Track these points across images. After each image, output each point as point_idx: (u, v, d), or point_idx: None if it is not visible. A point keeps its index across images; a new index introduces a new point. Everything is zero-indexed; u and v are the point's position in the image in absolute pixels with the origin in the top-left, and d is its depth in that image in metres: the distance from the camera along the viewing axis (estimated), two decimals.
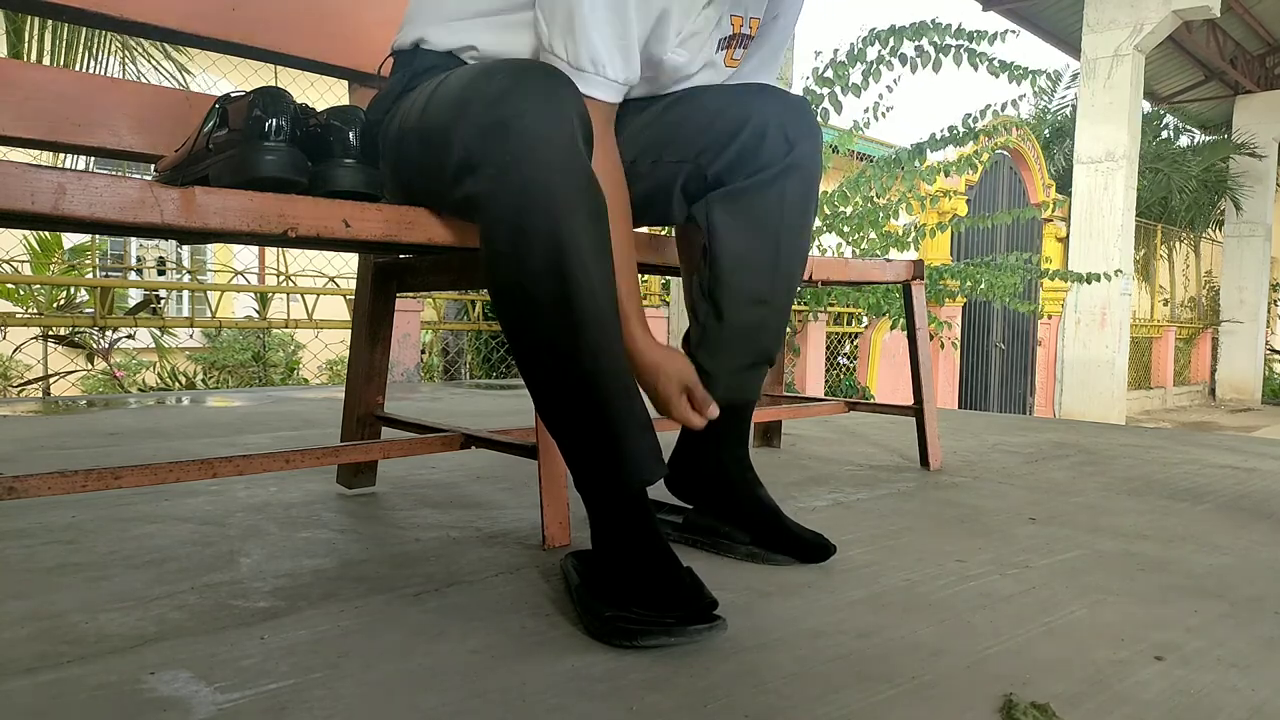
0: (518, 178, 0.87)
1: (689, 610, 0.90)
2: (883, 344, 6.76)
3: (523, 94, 0.88)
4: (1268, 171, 11.92)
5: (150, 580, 1.06)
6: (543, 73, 0.91)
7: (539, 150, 0.87)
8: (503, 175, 0.87)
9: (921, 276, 1.97)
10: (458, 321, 4.93)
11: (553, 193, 0.87)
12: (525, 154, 0.87)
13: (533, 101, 0.88)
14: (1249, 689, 0.82)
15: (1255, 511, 1.60)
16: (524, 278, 0.90)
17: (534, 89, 0.88)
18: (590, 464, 0.98)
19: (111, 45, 4.01)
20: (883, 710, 0.76)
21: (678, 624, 0.88)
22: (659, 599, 0.91)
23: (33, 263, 4.31)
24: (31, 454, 1.91)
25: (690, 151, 1.16)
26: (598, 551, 0.99)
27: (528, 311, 0.92)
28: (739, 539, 1.21)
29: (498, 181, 0.88)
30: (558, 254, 0.88)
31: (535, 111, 0.87)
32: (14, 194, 0.80)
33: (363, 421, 1.51)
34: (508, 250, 0.90)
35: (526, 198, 0.87)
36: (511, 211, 0.88)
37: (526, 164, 0.87)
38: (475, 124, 0.90)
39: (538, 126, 0.87)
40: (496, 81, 0.90)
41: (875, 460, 2.05)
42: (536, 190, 0.87)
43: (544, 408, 0.99)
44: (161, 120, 1.30)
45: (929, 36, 4.57)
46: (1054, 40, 9.88)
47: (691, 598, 0.91)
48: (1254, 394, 12.21)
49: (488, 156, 0.89)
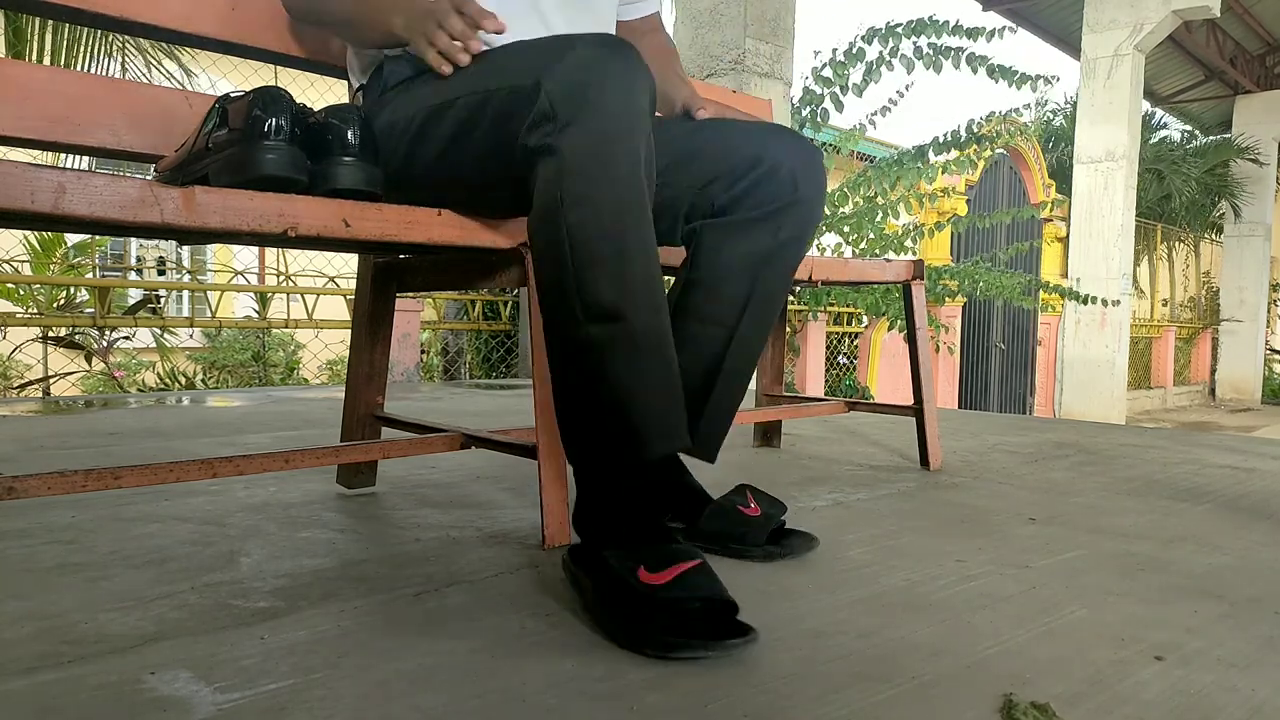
0: (598, 128, 0.94)
1: (720, 619, 0.89)
2: (882, 344, 6.76)
3: (609, 60, 0.95)
4: (1268, 172, 11.93)
5: (150, 580, 1.06)
6: (626, 46, 0.98)
7: (621, 109, 0.94)
8: (585, 125, 0.94)
9: (921, 276, 1.97)
10: (458, 321, 4.93)
11: (626, 146, 0.95)
12: (610, 110, 0.94)
13: (618, 66, 0.95)
14: (1249, 689, 0.82)
15: (1255, 511, 1.60)
16: (586, 219, 0.94)
17: (619, 58, 0.96)
18: (613, 426, 0.97)
19: (111, 45, 4.01)
20: (883, 710, 0.76)
21: (715, 637, 0.87)
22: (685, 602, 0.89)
23: (33, 263, 4.31)
24: (31, 454, 1.91)
25: (701, 179, 1.19)
26: (608, 546, 0.97)
27: (579, 255, 0.94)
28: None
29: (580, 128, 0.94)
30: (621, 201, 0.94)
31: (620, 75, 0.95)
32: (14, 194, 0.80)
33: (363, 421, 1.51)
34: (577, 191, 0.94)
35: (605, 146, 0.94)
36: (587, 158, 0.94)
37: (610, 119, 0.94)
38: (564, 80, 0.95)
39: (623, 89, 0.95)
40: (583, 50, 0.96)
41: (875, 460, 2.05)
42: (613, 142, 0.94)
43: (572, 367, 0.98)
44: (161, 120, 1.30)
45: (928, 34, 4.58)
46: (1054, 40, 9.89)
47: (720, 605, 0.90)
48: (1254, 394, 12.22)
49: (573, 109, 0.94)
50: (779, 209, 1.16)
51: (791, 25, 3.95)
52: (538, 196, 0.98)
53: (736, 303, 1.17)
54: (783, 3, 3.92)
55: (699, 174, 1.19)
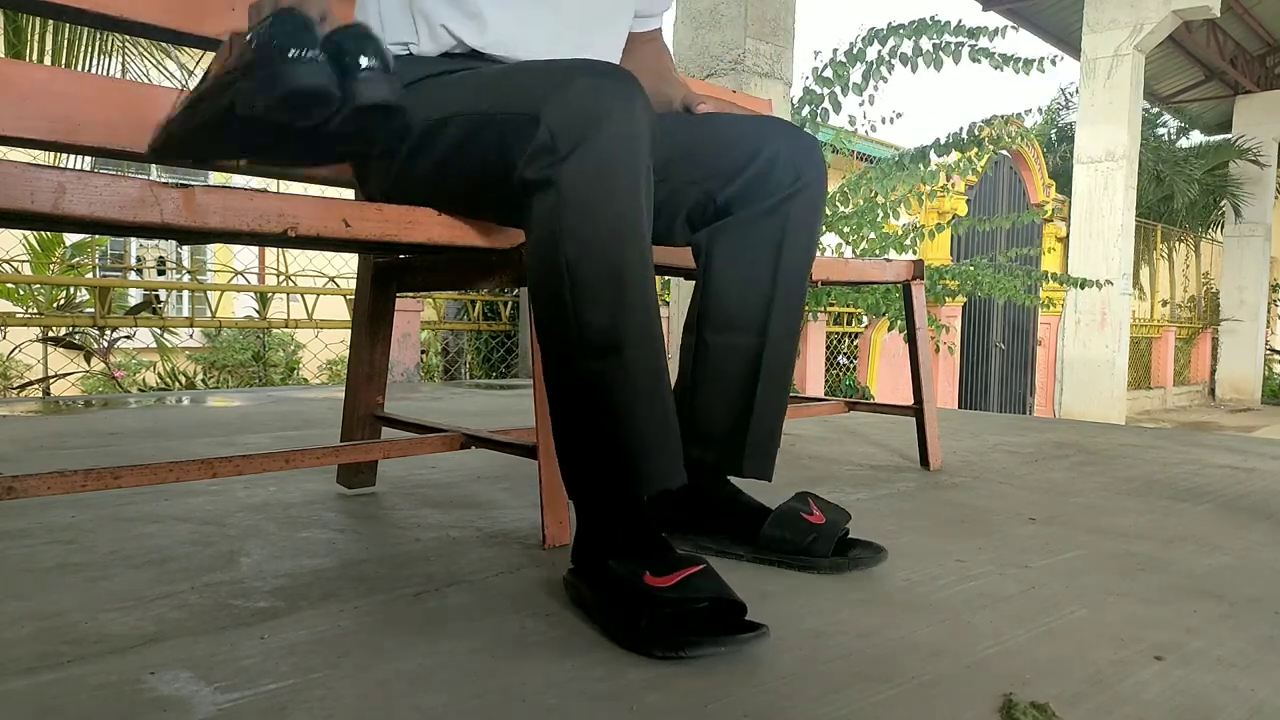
0: (597, 162, 0.93)
1: (728, 618, 0.89)
2: (883, 344, 6.76)
3: (611, 93, 0.94)
4: (1268, 173, 11.93)
5: (150, 580, 1.06)
6: (628, 77, 0.97)
7: (621, 142, 0.94)
8: (584, 158, 0.93)
9: (921, 276, 1.97)
10: (458, 321, 4.93)
11: (626, 180, 0.94)
12: (609, 144, 0.93)
13: (620, 99, 0.94)
14: (1249, 689, 0.82)
15: (1255, 512, 1.60)
16: (585, 253, 0.93)
17: (621, 90, 0.95)
18: (610, 460, 0.96)
19: (112, 45, 4.01)
20: (883, 710, 0.76)
21: (725, 633, 0.86)
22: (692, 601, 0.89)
23: (33, 263, 4.31)
24: (31, 454, 1.91)
25: (701, 174, 1.18)
26: (611, 556, 0.96)
27: (579, 290, 0.93)
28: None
29: (579, 162, 0.93)
30: (619, 236, 0.94)
31: (623, 109, 0.94)
32: (14, 194, 0.80)
33: (363, 421, 1.51)
34: (575, 225, 0.93)
35: (605, 179, 0.93)
36: (586, 190, 0.93)
37: (610, 153, 0.93)
38: (564, 112, 0.94)
39: (624, 122, 0.94)
40: (585, 81, 0.95)
41: (875, 460, 2.05)
42: (613, 175, 0.94)
43: (570, 402, 0.98)
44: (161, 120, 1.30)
45: (929, 34, 4.58)
46: (1054, 40, 9.88)
47: (727, 605, 0.89)
48: (1254, 394, 12.21)
49: (573, 140, 0.93)
50: (784, 199, 1.15)
51: (791, 25, 3.95)
52: (535, 229, 0.96)
53: (760, 305, 1.15)
54: (783, 3, 3.92)
55: (697, 169, 1.18)
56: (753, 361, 1.16)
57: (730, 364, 1.16)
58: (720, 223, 1.17)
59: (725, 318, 1.16)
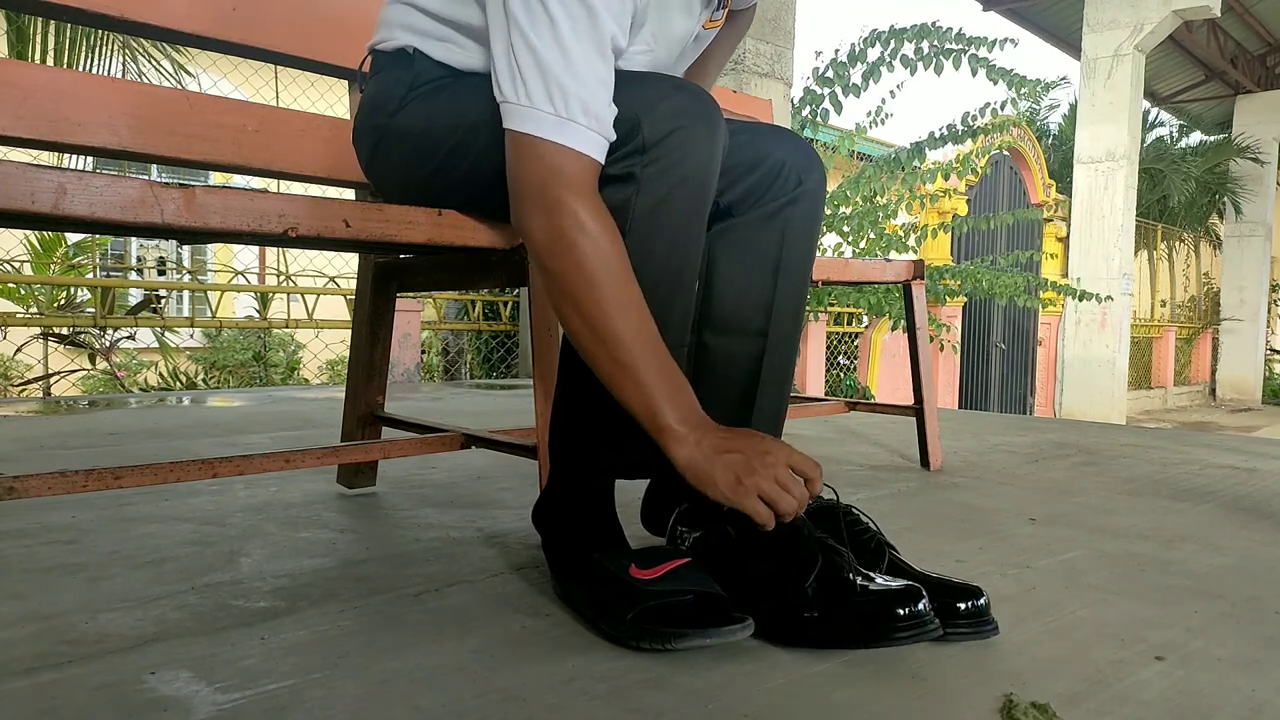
0: (681, 174, 0.98)
1: (715, 610, 0.89)
2: (883, 344, 6.76)
3: (704, 116, 1.00)
4: (1268, 172, 11.93)
5: (150, 580, 1.06)
6: (715, 105, 1.02)
7: (703, 163, 1.00)
8: (669, 168, 0.98)
9: (922, 276, 1.97)
10: (458, 321, 4.93)
11: (699, 197, 1.01)
12: (693, 161, 0.99)
13: (709, 125, 1.00)
14: (1249, 689, 0.82)
15: (1256, 511, 1.60)
16: (649, 250, 0.98)
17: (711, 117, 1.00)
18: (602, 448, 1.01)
19: (112, 45, 4.01)
20: (883, 710, 0.76)
21: (713, 625, 0.87)
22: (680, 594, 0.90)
23: (33, 262, 4.31)
24: (32, 454, 1.91)
25: None
26: (596, 550, 0.97)
27: (628, 288, 0.96)
28: None
29: (662, 168, 0.98)
30: (679, 247, 1.01)
31: (708, 134, 1.00)
32: (14, 194, 0.80)
33: (363, 421, 1.51)
34: (645, 223, 0.98)
35: (681, 191, 0.99)
36: (663, 197, 0.98)
37: (692, 167, 0.99)
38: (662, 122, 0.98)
39: (708, 143, 1.00)
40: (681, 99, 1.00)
41: (875, 460, 2.05)
42: (688, 189, 0.99)
43: (582, 382, 1.00)
44: (161, 120, 1.30)
45: (930, 39, 4.58)
46: (1054, 40, 9.89)
47: (713, 598, 0.90)
48: (1254, 394, 12.22)
49: (664, 150, 0.98)
50: (786, 204, 1.16)
51: (791, 25, 3.95)
52: None
53: (761, 307, 1.16)
54: (783, 3, 3.92)
55: None
56: (753, 364, 1.17)
57: (730, 366, 1.17)
58: (722, 225, 1.17)
59: (726, 320, 1.17)
